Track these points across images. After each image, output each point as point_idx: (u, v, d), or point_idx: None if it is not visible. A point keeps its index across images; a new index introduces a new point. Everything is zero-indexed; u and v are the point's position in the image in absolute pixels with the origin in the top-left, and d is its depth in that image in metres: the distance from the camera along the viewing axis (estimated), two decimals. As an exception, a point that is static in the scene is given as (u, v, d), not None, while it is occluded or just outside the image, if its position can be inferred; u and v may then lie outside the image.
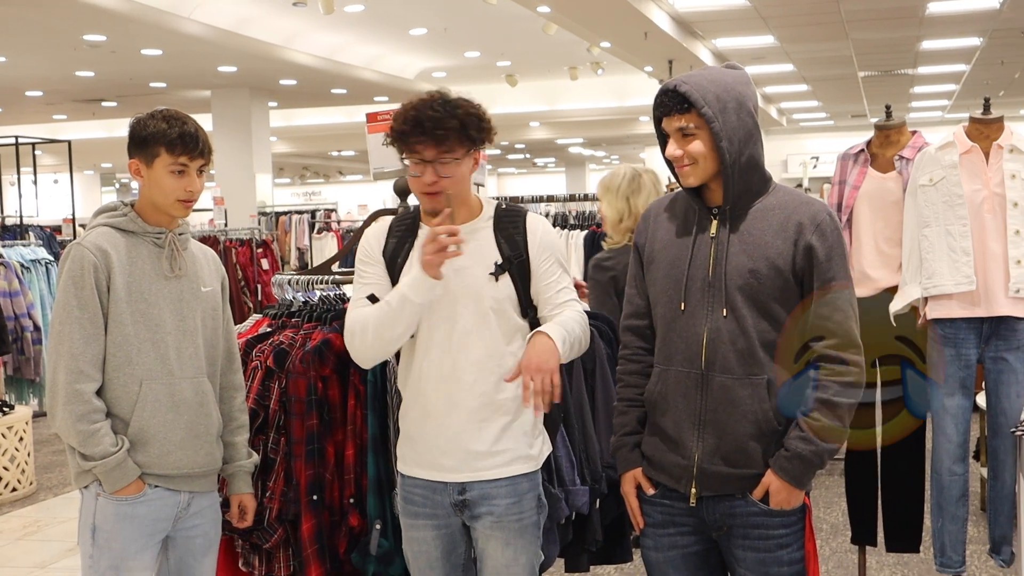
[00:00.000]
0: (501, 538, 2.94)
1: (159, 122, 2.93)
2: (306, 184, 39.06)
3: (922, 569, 5.24)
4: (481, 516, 2.94)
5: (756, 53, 15.79)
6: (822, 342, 2.68)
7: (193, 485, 3.03)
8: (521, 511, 2.96)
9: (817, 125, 28.69)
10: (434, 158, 2.80)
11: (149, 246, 2.98)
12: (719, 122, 2.64)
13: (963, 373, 4.16)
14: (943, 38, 15.06)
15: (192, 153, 2.94)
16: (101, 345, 2.90)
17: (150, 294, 2.95)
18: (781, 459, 2.67)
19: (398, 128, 2.82)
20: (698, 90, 2.65)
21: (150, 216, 3.00)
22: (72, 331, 2.86)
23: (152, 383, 2.93)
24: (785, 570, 2.74)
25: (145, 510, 2.95)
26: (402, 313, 2.83)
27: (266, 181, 17.65)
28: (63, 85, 17.13)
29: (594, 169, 40.90)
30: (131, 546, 2.92)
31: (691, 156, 2.68)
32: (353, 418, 3.30)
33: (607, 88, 20.51)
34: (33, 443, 7.70)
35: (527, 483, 2.97)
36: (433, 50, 16.48)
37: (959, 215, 4.05)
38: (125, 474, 2.89)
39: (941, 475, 4.26)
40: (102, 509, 2.92)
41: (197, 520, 3.07)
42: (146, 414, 2.93)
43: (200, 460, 3.02)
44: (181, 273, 3.01)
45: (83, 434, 2.85)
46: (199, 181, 2.99)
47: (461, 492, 2.94)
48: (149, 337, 2.94)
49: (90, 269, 2.87)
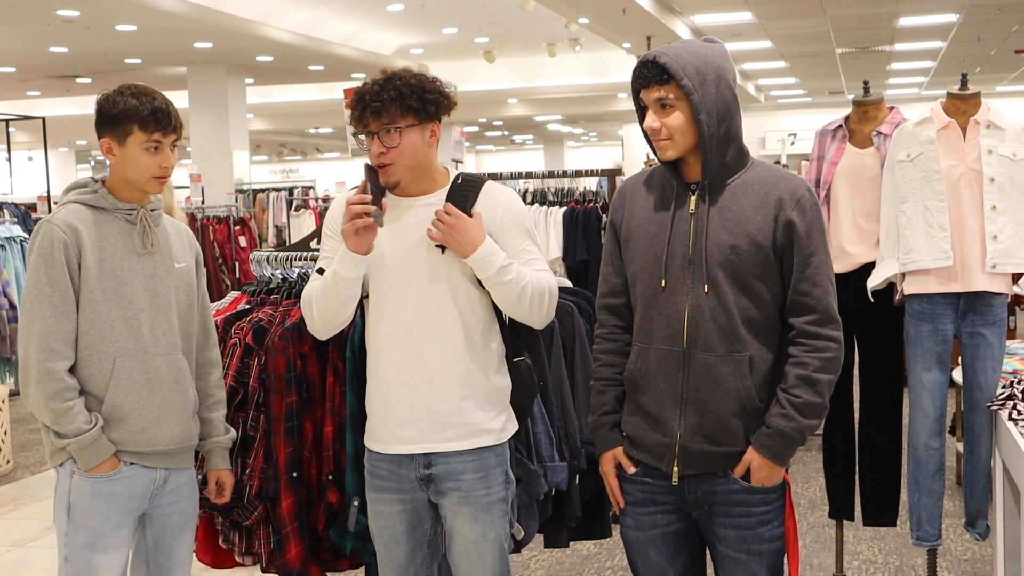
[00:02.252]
0: (469, 514, 2.96)
1: (129, 99, 2.89)
2: (283, 161, 38.89)
3: (898, 543, 5.29)
4: (447, 492, 2.96)
5: (734, 29, 15.77)
6: (801, 318, 2.68)
7: (169, 462, 3.02)
8: (488, 486, 2.97)
9: (795, 102, 28.72)
10: (377, 129, 2.88)
11: (120, 223, 2.95)
12: (698, 94, 2.63)
13: (940, 348, 4.18)
14: (920, 14, 15.09)
15: (165, 129, 2.91)
16: (73, 322, 2.87)
17: (122, 271, 2.92)
18: (762, 436, 2.67)
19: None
20: (677, 62, 2.63)
21: (122, 193, 2.97)
22: (43, 309, 2.84)
23: (126, 360, 2.91)
24: (766, 547, 2.75)
25: (120, 487, 2.93)
26: (336, 287, 2.92)
27: (243, 158, 17.55)
28: (37, 61, 16.96)
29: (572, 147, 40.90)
30: (107, 523, 2.91)
31: (669, 129, 2.66)
32: (332, 395, 3.29)
33: (585, 65, 20.46)
34: (10, 421, 7.66)
35: (494, 458, 2.99)
36: (410, 26, 16.40)
37: (936, 191, 4.06)
38: (99, 451, 2.88)
39: (918, 449, 4.29)
40: (77, 487, 2.91)
41: (174, 497, 3.06)
42: (120, 391, 2.91)
43: (176, 437, 3.01)
44: (154, 250, 2.99)
45: (56, 412, 2.84)
46: (172, 156, 2.96)
47: (427, 467, 2.95)
48: (122, 314, 2.91)
49: (60, 246, 2.84)
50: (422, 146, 2.93)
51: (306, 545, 3.26)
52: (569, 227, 6.48)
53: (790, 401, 2.65)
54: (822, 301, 2.68)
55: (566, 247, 6.49)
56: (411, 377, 2.94)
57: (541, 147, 39.67)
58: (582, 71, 20.88)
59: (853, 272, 4.31)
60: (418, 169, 2.95)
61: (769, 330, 2.72)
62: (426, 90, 2.89)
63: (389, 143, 2.88)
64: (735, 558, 2.76)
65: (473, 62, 19.11)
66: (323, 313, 2.97)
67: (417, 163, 2.94)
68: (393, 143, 2.88)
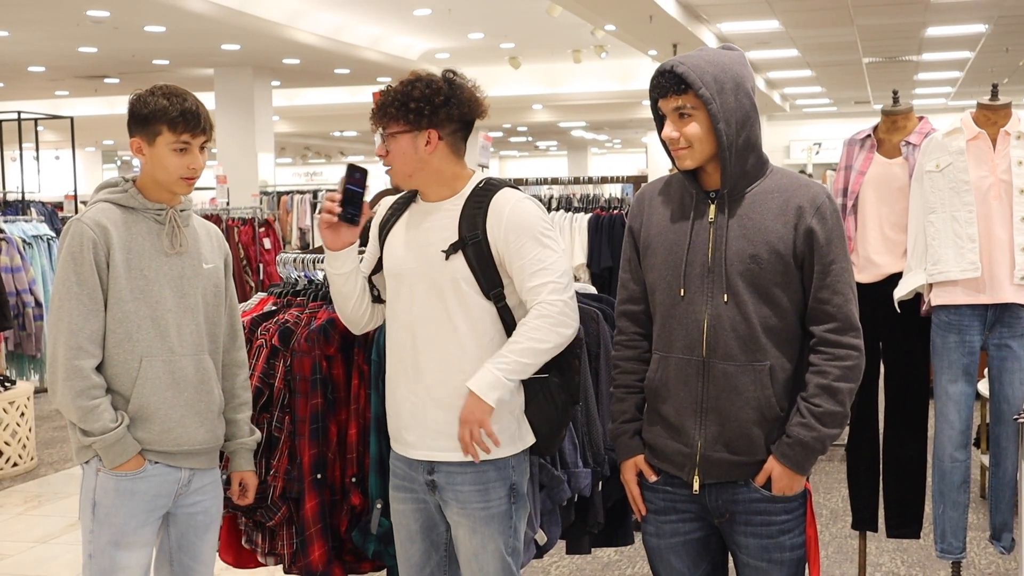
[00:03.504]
0: (468, 525, 2.94)
1: (160, 99, 2.90)
2: (308, 164, 38.99)
3: (921, 555, 5.26)
4: (448, 501, 2.95)
5: (761, 38, 15.73)
6: (822, 326, 2.67)
7: (194, 462, 3.03)
8: (487, 500, 2.91)
9: (820, 111, 28.62)
10: (383, 132, 2.94)
11: (150, 223, 2.97)
12: (716, 103, 2.62)
13: (967, 360, 4.16)
14: (948, 25, 15.00)
15: (194, 130, 2.92)
16: (101, 321, 2.89)
17: (150, 271, 2.94)
18: (783, 445, 2.66)
19: None
20: (695, 70, 2.62)
21: (151, 193, 2.98)
22: (71, 307, 2.85)
23: (152, 360, 2.93)
24: (787, 555, 2.74)
25: (145, 486, 2.94)
26: (332, 283, 3.06)
27: (268, 160, 17.62)
28: (65, 61, 17.08)
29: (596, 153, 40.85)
30: (131, 521, 2.93)
31: (688, 138, 2.66)
32: (357, 397, 3.30)
33: (610, 72, 20.45)
34: (34, 418, 7.71)
35: (494, 472, 2.92)
36: (436, 31, 16.43)
37: (965, 201, 4.04)
38: (124, 449, 2.89)
39: (943, 461, 4.26)
40: (102, 484, 2.92)
41: (198, 497, 3.07)
42: (146, 391, 2.92)
43: (201, 437, 3.02)
44: (182, 250, 3.00)
45: (82, 410, 2.85)
46: (201, 157, 2.97)
47: (430, 472, 2.95)
48: (149, 314, 2.93)
49: (89, 245, 2.86)
50: (412, 153, 2.90)
51: (329, 546, 3.26)
52: (594, 233, 6.47)
53: (810, 410, 2.64)
54: (843, 309, 2.66)
55: (591, 253, 6.48)
56: (413, 383, 2.94)
57: (565, 153, 39.62)
58: (607, 78, 20.87)
59: (880, 282, 4.29)
60: (420, 176, 2.94)
61: (789, 338, 2.70)
62: (412, 97, 2.86)
63: (389, 146, 2.93)
64: (756, 566, 2.75)
65: (498, 68, 19.12)
66: (337, 306, 3.11)
67: (413, 170, 2.93)
68: (390, 147, 2.93)
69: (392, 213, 3.06)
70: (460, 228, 2.89)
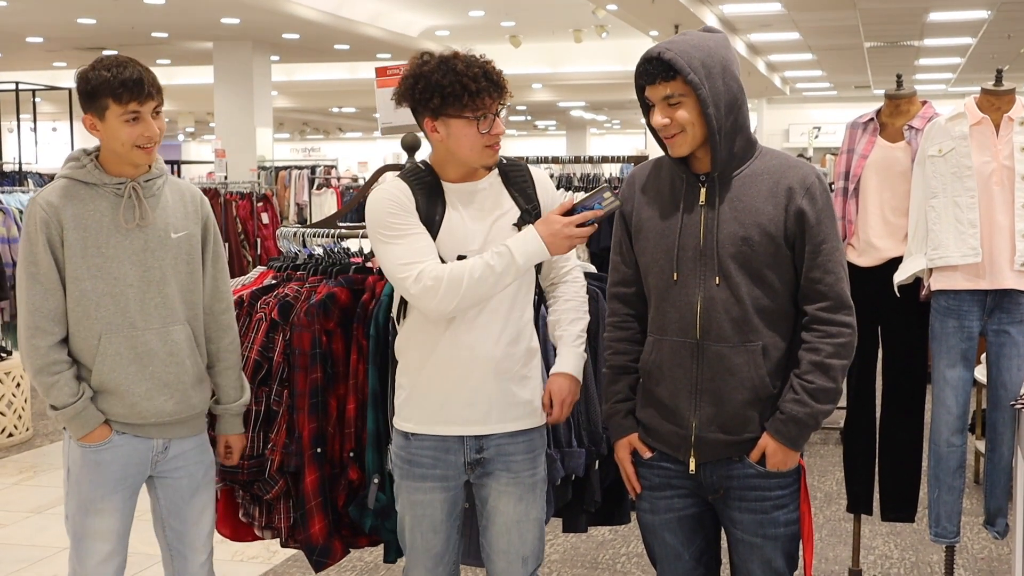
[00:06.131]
0: (515, 494, 2.96)
1: (101, 72, 2.85)
2: (306, 140, 38.91)
3: (915, 539, 5.28)
4: (495, 473, 2.95)
5: (763, 20, 15.70)
6: (814, 304, 2.69)
7: (166, 432, 3.04)
8: (535, 467, 2.99)
9: (820, 95, 28.59)
10: (504, 109, 3.02)
11: (110, 197, 2.93)
12: (706, 88, 2.62)
13: (965, 345, 4.16)
14: (951, 10, 14.98)
15: (140, 98, 2.85)
16: (59, 299, 2.91)
17: (108, 247, 2.92)
18: (776, 422, 2.69)
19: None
20: (683, 56, 2.62)
21: (112, 166, 2.95)
22: (30, 287, 2.90)
23: (112, 336, 2.93)
24: (781, 531, 2.77)
25: (110, 456, 2.98)
26: (505, 277, 2.80)
27: (266, 135, 17.57)
28: (64, 32, 17.00)
29: (595, 133, 40.79)
30: (97, 490, 2.98)
31: (679, 124, 2.66)
32: (355, 372, 3.30)
33: (611, 52, 20.37)
34: (30, 389, 7.71)
35: (540, 440, 3.02)
36: (437, 8, 16.37)
37: (967, 187, 4.03)
38: (86, 422, 2.93)
39: (939, 446, 4.27)
40: (72, 453, 3.00)
41: (179, 463, 3.08)
42: (106, 367, 2.94)
43: (170, 409, 3.01)
44: (143, 223, 2.95)
45: (44, 385, 2.92)
46: (155, 123, 2.90)
47: (479, 451, 2.93)
48: (108, 290, 2.92)
49: (41, 226, 2.87)
50: (435, 139, 2.88)
51: (329, 520, 3.27)
52: (594, 213, 6.46)
53: (804, 387, 2.66)
54: (834, 288, 2.68)
55: (590, 233, 6.47)
56: (481, 359, 2.88)
57: (564, 133, 39.57)
58: (608, 58, 20.80)
59: (880, 266, 4.28)
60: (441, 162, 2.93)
61: (782, 318, 2.73)
62: (399, 92, 2.88)
63: (503, 124, 2.96)
64: (751, 542, 2.78)
65: (499, 46, 19.02)
66: (473, 297, 2.79)
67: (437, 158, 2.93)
68: (503, 125, 2.96)
69: (427, 198, 2.89)
70: (517, 201, 2.95)
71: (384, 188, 2.90)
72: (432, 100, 2.79)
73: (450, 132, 2.83)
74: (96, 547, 2.98)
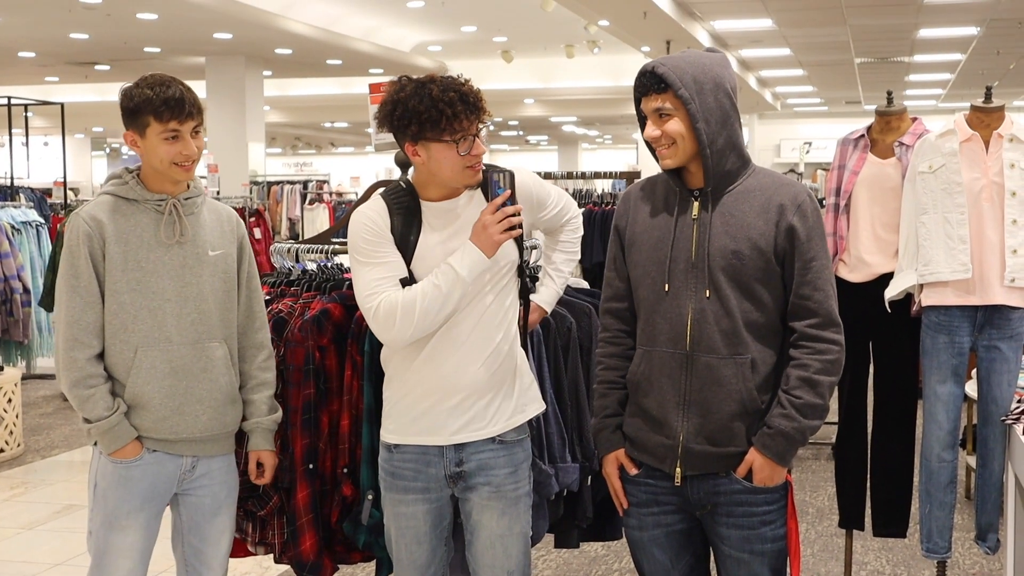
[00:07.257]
0: (497, 508, 2.96)
1: (144, 90, 2.92)
2: (298, 155, 38.90)
3: (907, 554, 5.28)
4: (477, 487, 2.96)
5: (754, 36, 15.75)
6: (803, 321, 2.72)
7: (196, 449, 3.07)
8: (517, 481, 2.99)
9: (811, 110, 28.67)
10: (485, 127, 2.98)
11: (151, 213, 3.00)
12: (695, 103, 2.67)
13: (956, 361, 4.18)
14: (941, 26, 15.05)
15: (181, 117, 2.92)
16: (98, 312, 2.96)
17: (148, 262, 2.97)
18: (764, 436, 2.70)
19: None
20: (675, 71, 2.68)
21: (152, 183, 3.02)
22: (70, 299, 2.94)
23: (148, 350, 2.97)
24: (768, 546, 2.78)
25: (140, 473, 3.00)
26: (453, 294, 2.82)
27: (259, 150, 17.56)
28: (56, 47, 16.98)
29: (587, 148, 40.85)
30: (123, 506, 3.00)
31: (669, 137, 2.71)
32: (349, 388, 3.30)
33: (603, 67, 20.43)
34: (21, 405, 7.69)
35: (523, 453, 3.02)
36: (430, 23, 16.39)
37: (957, 203, 4.06)
38: (119, 437, 2.96)
39: (930, 461, 4.29)
40: (102, 467, 3.02)
41: (204, 482, 3.11)
42: (140, 380, 2.97)
43: (202, 426, 3.04)
44: (183, 239, 3.02)
45: (79, 399, 2.95)
46: (194, 142, 2.98)
47: (459, 464, 2.94)
48: (146, 304, 2.97)
49: (84, 239, 2.93)
50: (418, 161, 2.89)
51: (320, 537, 3.26)
52: (587, 229, 6.47)
53: (791, 402, 2.68)
54: (823, 305, 2.72)
55: (583, 248, 6.47)
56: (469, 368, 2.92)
57: (555, 148, 39.62)
58: (599, 73, 20.85)
59: (871, 282, 4.31)
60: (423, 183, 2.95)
61: (771, 333, 2.75)
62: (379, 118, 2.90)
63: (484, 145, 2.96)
64: (738, 558, 2.79)
65: (491, 61, 19.09)
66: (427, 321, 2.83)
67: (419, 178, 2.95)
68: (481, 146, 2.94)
69: (403, 218, 2.91)
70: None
71: (362, 210, 2.94)
72: (411, 126, 2.80)
73: (431, 156, 2.84)
74: (118, 564, 3.00)
